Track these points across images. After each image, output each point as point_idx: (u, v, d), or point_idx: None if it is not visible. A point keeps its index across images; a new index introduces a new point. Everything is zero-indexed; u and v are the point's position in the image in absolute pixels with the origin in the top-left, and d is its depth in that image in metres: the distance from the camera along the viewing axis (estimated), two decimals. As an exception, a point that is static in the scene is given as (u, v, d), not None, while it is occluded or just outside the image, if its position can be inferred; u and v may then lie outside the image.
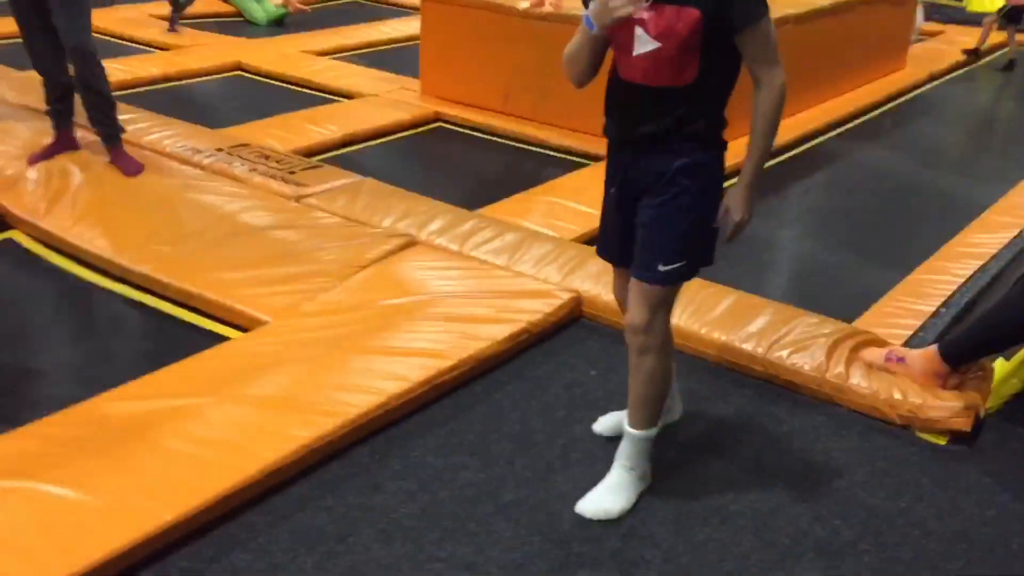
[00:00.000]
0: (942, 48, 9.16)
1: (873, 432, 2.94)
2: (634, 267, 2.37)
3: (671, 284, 2.35)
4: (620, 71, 2.29)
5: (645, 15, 2.16)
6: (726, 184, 2.39)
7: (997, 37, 9.13)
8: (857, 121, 6.76)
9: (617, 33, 2.23)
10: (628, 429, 2.51)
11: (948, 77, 8.34)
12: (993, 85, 8.59)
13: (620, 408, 2.92)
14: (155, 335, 3.45)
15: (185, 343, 3.32)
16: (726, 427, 2.93)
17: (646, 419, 2.48)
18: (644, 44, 2.18)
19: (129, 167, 4.46)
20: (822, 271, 4.34)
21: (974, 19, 10.41)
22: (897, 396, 2.94)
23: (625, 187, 2.37)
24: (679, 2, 2.13)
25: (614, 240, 2.50)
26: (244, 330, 3.33)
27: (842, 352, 3.11)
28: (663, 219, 2.30)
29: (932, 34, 9.81)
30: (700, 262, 2.38)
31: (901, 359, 3.03)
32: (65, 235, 3.92)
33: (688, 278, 2.38)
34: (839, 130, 6.47)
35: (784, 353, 3.14)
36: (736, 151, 2.37)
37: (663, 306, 2.38)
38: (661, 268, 2.31)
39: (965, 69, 8.71)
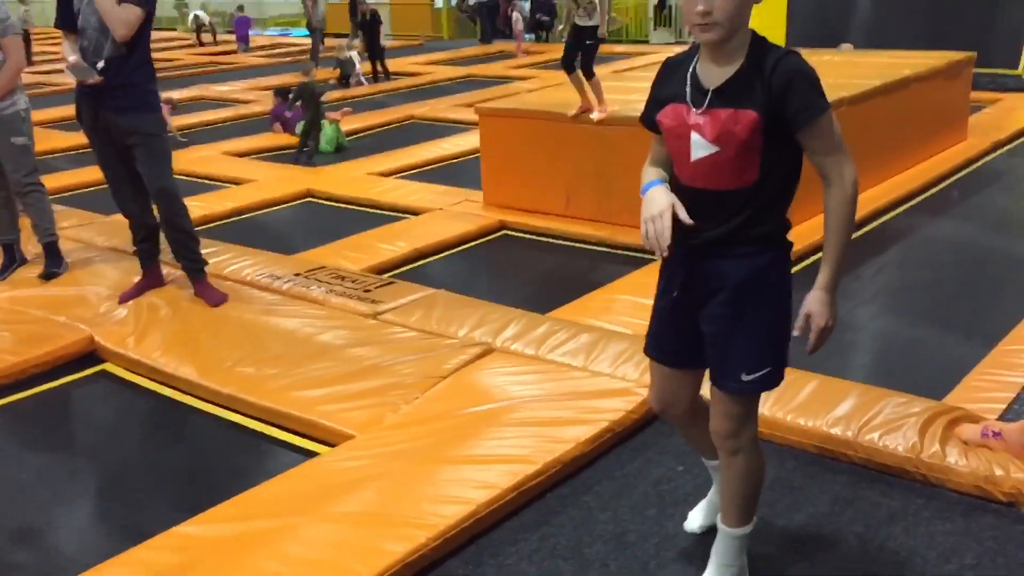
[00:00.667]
0: (1002, 116, 9.10)
1: (977, 512, 2.84)
2: (714, 376, 2.30)
3: (757, 392, 2.28)
4: (680, 177, 2.22)
5: (700, 120, 2.11)
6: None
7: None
8: (924, 195, 6.71)
9: (673, 141, 2.19)
10: (723, 527, 2.45)
11: (1011, 145, 8.26)
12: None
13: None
14: (246, 453, 3.53)
15: (275, 460, 3.41)
16: (823, 515, 2.86)
17: (742, 517, 2.43)
18: (702, 149, 2.12)
19: (213, 298, 4.63)
20: (904, 349, 4.26)
21: (1031, 86, 10.37)
22: (999, 473, 2.84)
23: (689, 291, 2.27)
24: (735, 105, 2.07)
25: (670, 342, 2.39)
26: (331, 445, 3.39)
27: (935, 431, 3.03)
28: (737, 328, 2.20)
29: (991, 102, 9.77)
30: (783, 365, 2.27)
31: (998, 434, 2.94)
32: (154, 363, 4.08)
33: (774, 385, 2.26)
34: (906, 205, 6.43)
35: (876, 436, 3.07)
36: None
37: (750, 412, 2.32)
38: (745, 378, 2.22)
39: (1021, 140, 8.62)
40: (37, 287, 5.00)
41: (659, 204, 2.14)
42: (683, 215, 2.12)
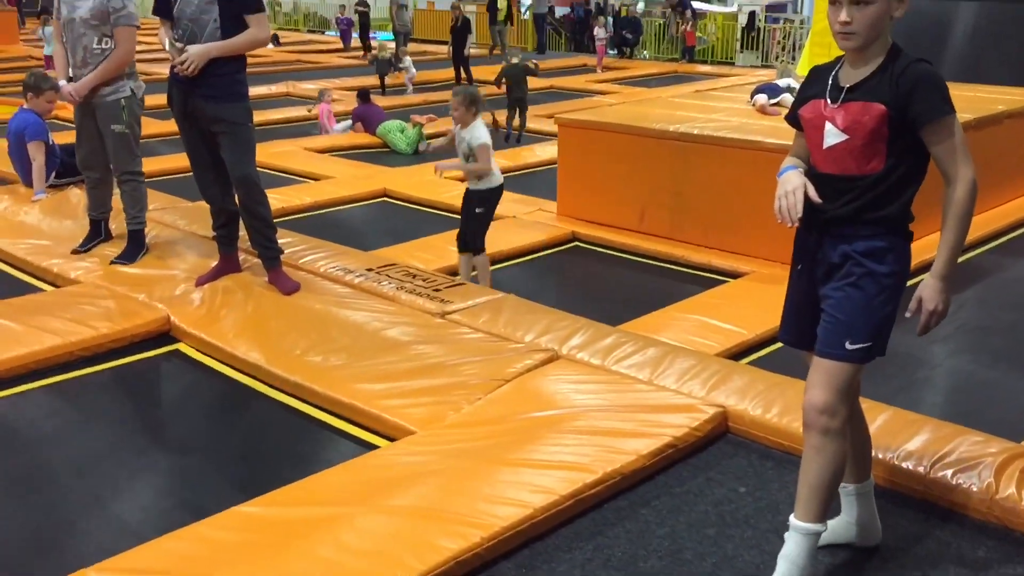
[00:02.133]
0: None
1: (1051, 559, 2.73)
2: (819, 346, 2.42)
3: (857, 362, 2.39)
4: (814, 163, 2.46)
5: (834, 112, 2.36)
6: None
7: None
8: (1012, 235, 6.52)
9: (810, 131, 2.44)
10: (797, 523, 2.44)
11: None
12: None
13: (770, 526, 2.83)
14: (308, 441, 3.57)
15: (336, 450, 3.44)
16: (889, 550, 2.77)
17: (819, 510, 2.42)
18: (834, 137, 2.37)
19: (286, 286, 4.71)
20: (982, 389, 4.13)
21: None
22: (1077, 521, 2.73)
23: (813, 267, 2.47)
24: (866, 98, 2.32)
25: (796, 323, 2.57)
26: (391, 439, 3.41)
27: (1013, 472, 2.92)
28: (849, 299, 2.37)
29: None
30: (882, 347, 2.41)
31: (1079, 481, 2.83)
32: (226, 346, 4.17)
33: (870, 359, 2.41)
34: (993, 244, 6.25)
35: (949, 473, 2.97)
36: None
37: (844, 386, 2.39)
38: (849, 346, 2.36)
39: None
40: (122, 265, 5.14)
41: (793, 182, 2.41)
42: (812, 194, 2.38)
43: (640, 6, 22.98)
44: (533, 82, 15.13)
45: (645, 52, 20.57)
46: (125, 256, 5.18)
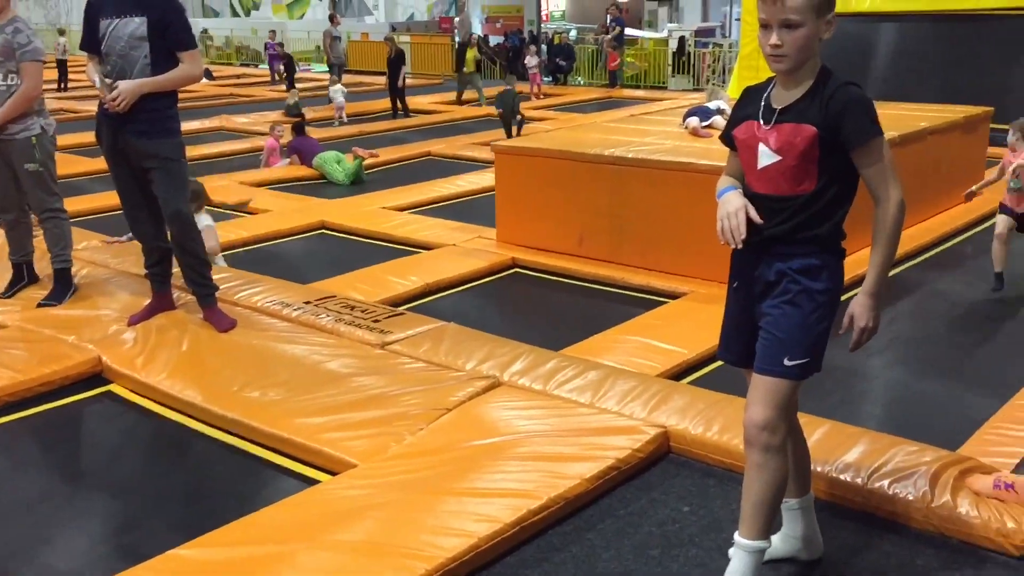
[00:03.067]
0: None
1: (987, 564, 2.78)
2: (757, 363, 2.46)
3: (795, 379, 2.43)
4: (748, 183, 2.51)
5: (767, 133, 2.42)
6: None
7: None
8: (939, 249, 6.69)
9: (744, 152, 2.49)
10: (741, 540, 2.46)
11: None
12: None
13: (713, 544, 2.84)
14: (248, 479, 3.50)
15: (277, 487, 3.38)
16: (831, 562, 2.80)
17: (762, 526, 2.45)
18: (767, 158, 2.42)
19: (222, 323, 4.63)
20: (916, 400, 4.21)
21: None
22: (1011, 525, 2.79)
23: (750, 285, 2.51)
24: (797, 120, 2.37)
25: (735, 339, 2.60)
26: (333, 473, 3.36)
27: (947, 480, 2.98)
28: (786, 316, 2.42)
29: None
30: (818, 363, 2.46)
31: (1010, 486, 2.89)
32: (160, 385, 4.08)
33: (808, 375, 2.45)
34: (921, 258, 6.41)
35: (886, 483, 3.02)
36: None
37: (783, 402, 2.43)
38: (787, 362, 2.40)
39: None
40: (50, 306, 5.00)
41: (734, 203, 2.45)
42: (754, 214, 2.43)
43: (573, 34, 23.31)
44: (468, 111, 15.26)
45: (579, 78, 20.81)
46: (53, 297, 5.05)
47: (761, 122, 2.44)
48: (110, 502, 3.36)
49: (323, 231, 7.48)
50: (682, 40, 19.78)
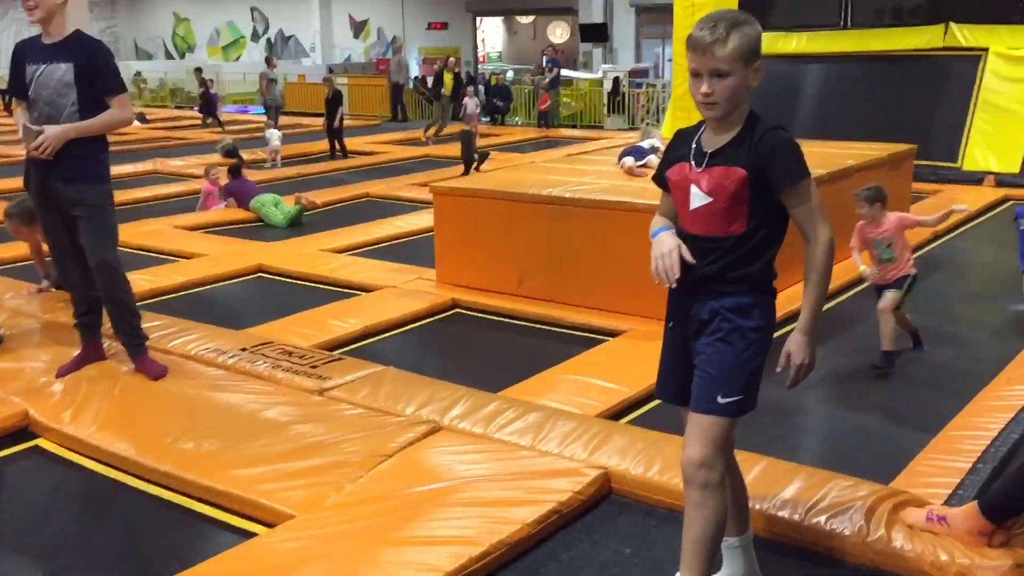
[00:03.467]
0: (942, 207, 9.35)
1: (924, 597, 2.82)
2: (693, 401, 2.51)
3: (730, 416, 2.47)
4: (681, 224, 2.57)
5: (699, 176, 2.49)
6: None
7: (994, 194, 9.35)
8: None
9: (677, 193, 2.56)
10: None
11: (952, 235, 8.49)
12: (995, 239, 8.74)
13: (658, 587, 2.84)
14: (182, 534, 3.40)
15: (212, 541, 3.30)
16: (770, 600, 2.82)
17: (703, 565, 2.47)
18: (699, 200, 2.49)
19: (153, 371, 4.53)
20: (851, 434, 4.28)
21: (969, 178, 10.75)
22: (944, 557, 2.84)
23: (685, 324, 2.57)
24: (727, 163, 2.45)
25: (672, 377, 2.65)
26: (270, 525, 3.29)
27: (882, 514, 3.03)
28: (720, 354, 2.47)
29: (932, 193, 10.08)
30: (752, 400, 2.51)
31: (943, 518, 2.94)
32: (90, 439, 3.96)
33: (743, 412, 2.49)
34: (851, 292, 6.54)
35: (822, 519, 3.06)
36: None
37: (720, 440, 2.47)
38: (721, 400, 2.45)
39: (968, 226, 8.88)
40: (-28, 359, 4.85)
41: (668, 244, 2.52)
42: (687, 254, 2.50)
43: (510, 75, 23.55)
44: (407, 151, 15.30)
45: (517, 118, 21.01)
46: None
47: (693, 164, 2.51)
48: (37, 562, 3.23)
49: (260, 275, 7.39)
50: (616, 81, 20.11)
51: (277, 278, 7.28)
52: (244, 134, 17.83)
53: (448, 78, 16.60)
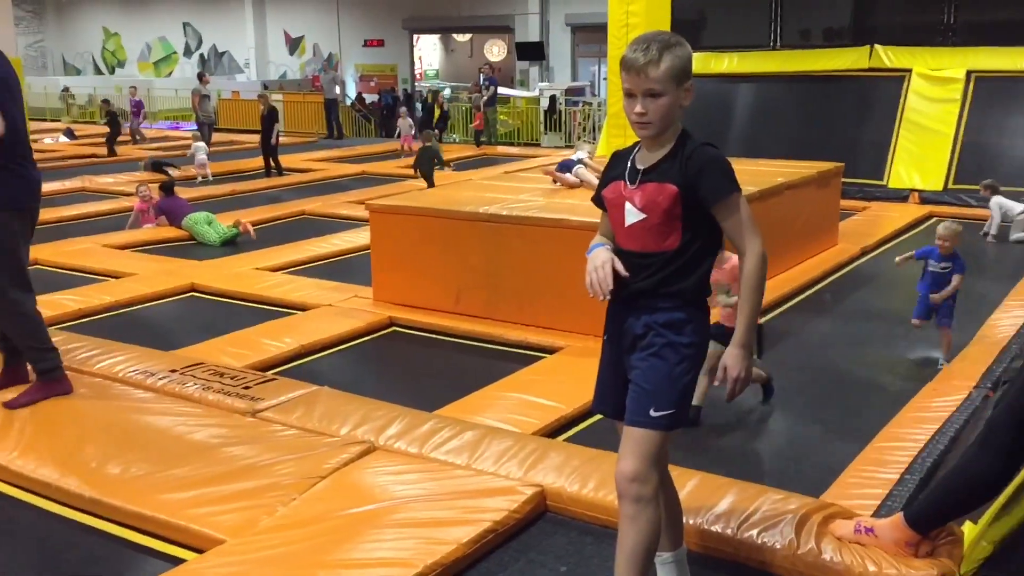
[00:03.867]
0: (870, 223, 9.62)
1: (854, 608, 2.86)
2: (627, 415, 2.53)
3: (661, 430, 2.49)
4: (618, 241, 2.61)
5: (633, 193, 2.54)
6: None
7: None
8: (799, 298, 6.99)
9: (612, 211, 2.61)
10: None
11: (879, 251, 8.71)
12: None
13: (594, 604, 2.84)
14: (108, 562, 3.31)
15: (139, 569, 3.22)
16: (704, 615, 2.84)
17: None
18: (633, 216, 2.54)
19: (56, 391, 4.41)
20: (781, 448, 4.35)
21: (895, 195, 11.05)
22: (872, 568, 2.89)
23: (618, 339, 2.61)
24: (660, 180, 2.50)
25: (609, 392, 2.67)
26: (199, 551, 3.21)
27: (811, 527, 3.08)
28: (653, 368, 2.50)
29: (859, 210, 10.33)
30: (685, 414, 2.54)
31: (870, 530, 3.00)
32: (10, 465, 3.83)
33: (676, 426, 2.52)
34: (782, 308, 6.67)
35: (754, 532, 3.09)
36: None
37: (653, 454, 2.49)
38: (653, 413, 2.48)
39: (894, 242, 9.12)
40: None
41: (601, 257, 2.56)
42: (620, 268, 2.53)
43: (447, 92, 23.59)
44: (343, 169, 15.19)
45: (454, 136, 21.03)
46: None
47: (627, 182, 2.56)
48: (-47, 595, 3.12)
49: (193, 294, 7.26)
50: (553, 99, 20.28)
51: (210, 297, 7.16)
52: (174, 151, 17.53)
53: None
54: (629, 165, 2.58)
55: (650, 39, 2.47)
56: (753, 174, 7.57)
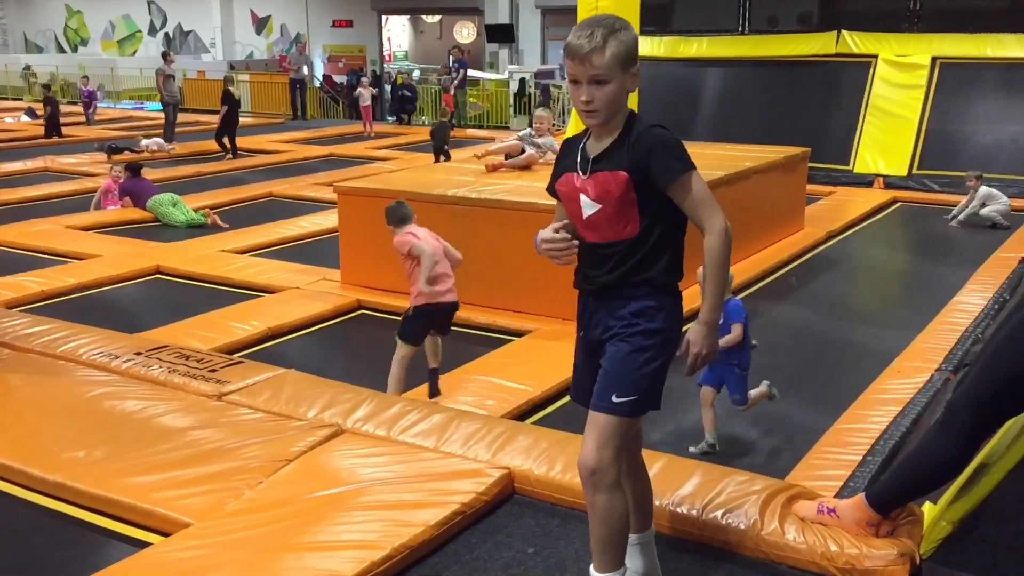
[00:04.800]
0: (835, 208, 9.71)
1: (815, 587, 2.91)
2: (592, 400, 2.51)
3: (623, 416, 2.46)
4: (579, 235, 2.57)
5: (586, 183, 2.48)
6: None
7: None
8: (765, 281, 7.05)
9: (568, 204, 2.55)
10: (594, 574, 2.52)
11: (844, 235, 8.80)
12: (885, 239, 9.10)
13: (561, 585, 2.86)
14: (73, 546, 3.28)
15: (104, 553, 3.20)
16: (670, 595, 2.87)
17: (608, 561, 2.50)
18: (589, 208, 2.49)
19: None
20: (747, 429, 4.39)
21: (860, 180, 11.15)
22: (833, 548, 2.93)
23: (589, 330, 2.58)
24: (610, 167, 2.45)
25: (583, 382, 2.63)
26: (165, 534, 3.19)
27: (775, 508, 3.11)
28: (618, 353, 2.47)
29: (825, 195, 10.42)
30: (650, 401, 2.51)
31: (832, 510, 3.04)
32: (-27, 452, 3.78)
33: (638, 414, 2.51)
34: (749, 291, 6.72)
35: (719, 514, 3.13)
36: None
37: (614, 440, 2.47)
38: (615, 399, 2.45)
39: (859, 226, 9.22)
40: None
41: (540, 235, 2.56)
42: (548, 231, 2.54)
43: (416, 74, 23.43)
44: (310, 150, 15.05)
45: (424, 118, 20.92)
46: None
47: (579, 173, 2.51)
48: (-87, 581, 3.08)
49: (158, 276, 7.19)
50: (523, 81, 20.20)
51: (176, 279, 7.10)
52: (139, 131, 17.26)
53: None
54: (580, 155, 2.52)
55: (594, 24, 2.40)
56: (721, 158, 7.62)
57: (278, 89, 22.11)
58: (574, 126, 11.11)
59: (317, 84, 23.04)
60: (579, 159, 2.53)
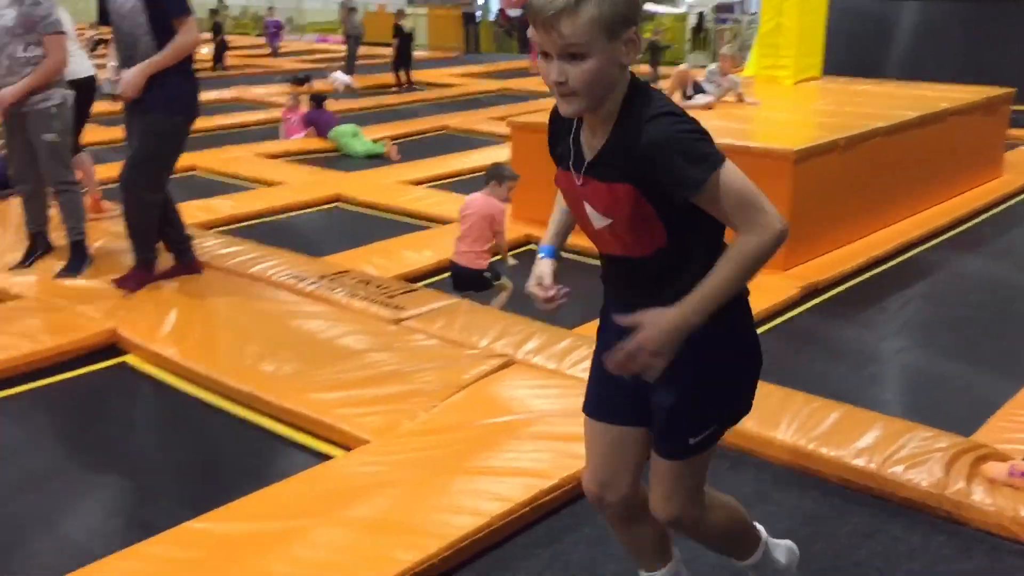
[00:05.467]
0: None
1: (1000, 552, 2.77)
2: (658, 446, 2.06)
3: (703, 451, 2.04)
4: (594, 244, 2.01)
5: (586, 190, 1.90)
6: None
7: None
8: (956, 231, 6.63)
9: (572, 206, 2.00)
10: (736, 563, 2.38)
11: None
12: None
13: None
14: (260, 453, 3.52)
15: (289, 461, 3.40)
16: (843, 548, 2.80)
17: (745, 550, 2.34)
18: (598, 220, 1.90)
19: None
20: (931, 384, 4.19)
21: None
22: (1024, 513, 2.78)
23: (619, 337, 1.86)
24: (608, 178, 1.84)
25: (608, 391, 2.14)
26: (346, 449, 3.37)
27: (961, 467, 2.97)
28: (678, 394, 1.95)
29: (1027, 142, 9.66)
30: (731, 419, 2.06)
31: (1025, 474, 2.87)
32: (174, 357, 4.09)
33: (723, 433, 2.06)
34: (937, 240, 6.34)
35: (899, 469, 3.01)
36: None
37: (697, 480, 2.08)
38: (692, 441, 2.00)
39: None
40: (67, 278, 5.02)
41: (534, 272, 2.17)
42: (532, 284, 2.15)
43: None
44: (484, 84, 15.17)
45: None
46: (69, 269, 5.06)
47: (574, 172, 1.91)
48: (124, 475, 3.38)
49: (338, 204, 7.47)
50: (701, 16, 19.58)
51: (354, 208, 7.36)
52: (322, 63, 17.87)
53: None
54: (573, 147, 1.90)
55: None
56: (914, 99, 7.19)
57: (454, 23, 22.33)
58: (754, 63, 10.67)
59: (492, 18, 23.08)
60: (572, 152, 1.91)
